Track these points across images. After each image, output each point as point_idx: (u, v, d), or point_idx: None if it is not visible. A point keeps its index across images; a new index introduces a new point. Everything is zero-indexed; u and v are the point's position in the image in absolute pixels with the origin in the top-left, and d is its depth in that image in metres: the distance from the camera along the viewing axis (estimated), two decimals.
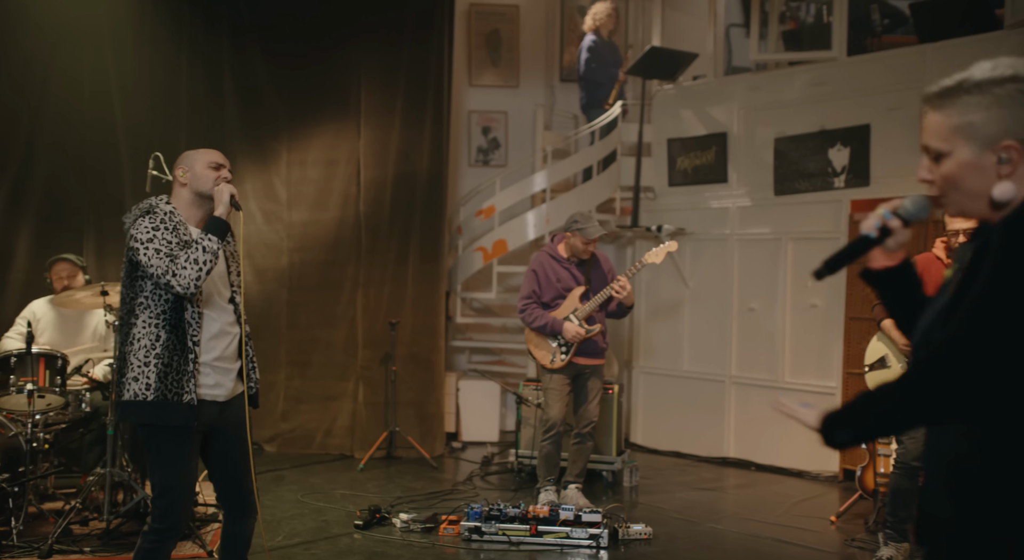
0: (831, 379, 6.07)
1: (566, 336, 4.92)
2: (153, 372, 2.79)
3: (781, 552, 4.47)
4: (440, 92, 6.75)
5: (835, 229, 6.09)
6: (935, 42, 5.80)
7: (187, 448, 2.86)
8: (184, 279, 2.76)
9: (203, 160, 2.98)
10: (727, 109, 6.72)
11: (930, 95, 1.59)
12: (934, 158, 1.58)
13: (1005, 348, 1.39)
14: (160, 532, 2.86)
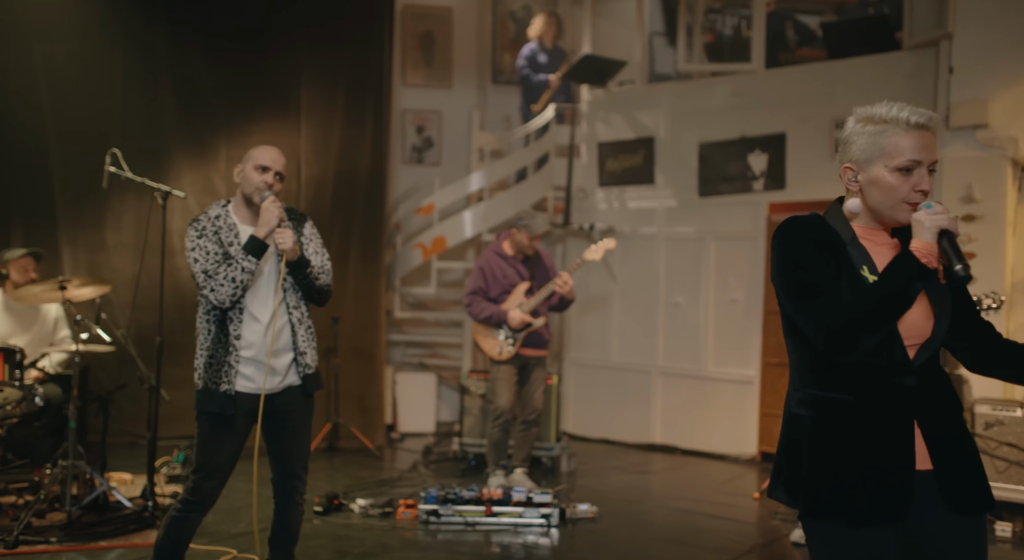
0: (750, 368, 6.55)
1: (512, 324, 5.19)
2: (202, 363, 3.02)
3: (713, 526, 4.88)
4: (380, 92, 6.92)
5: (754, 229, 6.58)
6: (843, 59, 6.34)
7: (224, 433, 3.04)
8: (221, 294, 2.93)
9: (254, 160, 3.08)
10: (654, 115, 7.13)
11: (929, 118, 1.90)
12: (930, 170, 1.92)
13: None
14: (188, 503, 3.07)
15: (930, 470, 1.92)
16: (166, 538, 3.08)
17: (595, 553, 4.32)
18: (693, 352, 6.84)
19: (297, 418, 3.18)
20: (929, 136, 1.90)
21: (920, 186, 1.89)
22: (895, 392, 1.91)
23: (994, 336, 2.07)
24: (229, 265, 2.94)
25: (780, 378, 6.44)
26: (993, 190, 5.56)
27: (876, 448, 1.89)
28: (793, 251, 1.94)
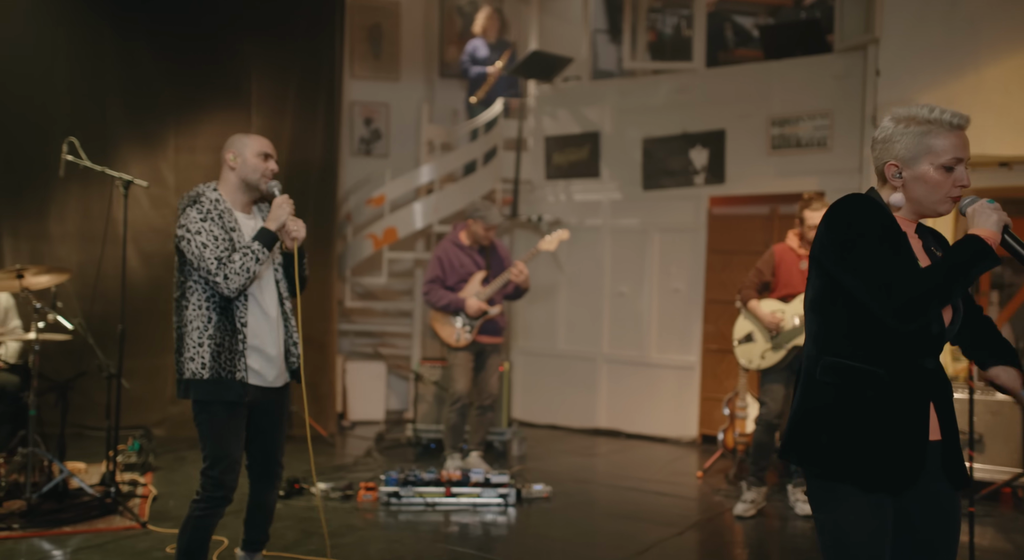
0: (692, 355, 6.85)
1: (469, 311, 5.36)
2: (207, 352, 2.96)
3: (660, 502, 5.14)
4: (332, 83, 6.98)
5: (695, 221, 6.87)
6: (778, 60, 6.67)
7: (237, 422, 3.03)
8: (234, 284, 2.92)
9: (253, 148, 3.08)
10: (600, 110, 7.36)
11: (965, 117, 2.06)
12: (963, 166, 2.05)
13: None
14: (212, 500, 3.03)
15: (939, 441, 2.06)
16: (194, 539, 3.04)
17: (552, 530, 4.53)
18: (637, 340, 7.11)
19: (282, 408, 3.24)
20: (965, 136, 2.06)
21: (961, 181, 2.03)
22: (918, 371, 2.05)
23: (983, 320, 2.26)
24: (243, 254, 2.93)
25: (720, 364, 6.75)
26: None
27: (897, 420, 2.01)
28: (863, 224, 2.03)
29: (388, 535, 4.34)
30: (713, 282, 6.77)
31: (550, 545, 4.27)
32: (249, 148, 3.09)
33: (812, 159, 6.40)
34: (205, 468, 3.04)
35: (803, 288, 4.74)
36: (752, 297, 4.93)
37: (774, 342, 4.84)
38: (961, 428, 2.57)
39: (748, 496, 4.78)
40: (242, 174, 3.10)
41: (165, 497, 4.80)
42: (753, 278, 4.98)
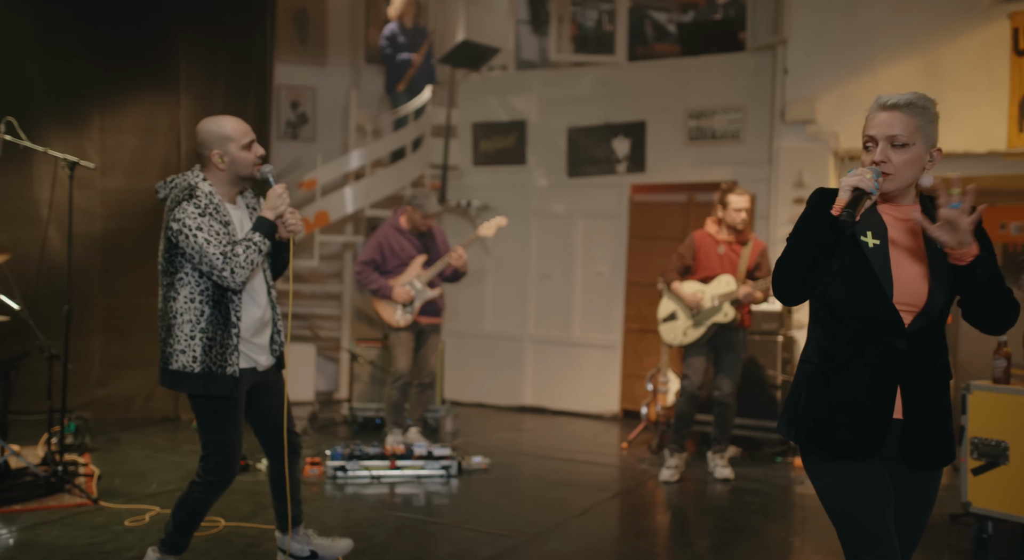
0: (614, 334, 7.23)
1: (397, 299, 5.56)
2: (199, 346, 2.96)
3: (591, 471, 5.48)
4: (263, 66, 7.01)
5: (618, 208, 7.24)
6: (696, 56, 7.09)
7: (232, 411, 3.07)
8: (239, 277, 2.93)
9: (236, 141, 3.04)
10: (526, 100, 7.64)
11: (899, 102, 2.10)
12: (899, 146, 2.09)
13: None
14: (213, 484, 3.10)
15: (899, 420, 2.14)
16: (192, 516, 3.13)
17: (493, 497, 4.80)
18: (562, 320, 7.44)
19: (281, 383, 3.30)
20: (887, 116, 2.09)
21: (874, 158, 2.10)
22: (886, 351, 2.12)
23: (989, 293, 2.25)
24: (246, 247, 2.94)
25: (640, 343, 7.16)
26: (819, 177, 6.46)
27: (861, 394, 2.13)
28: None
29: (340, 505, 4.53)
30: (634, 265, 7.16)
31: (494, 510, 4.54)
32: (233, 143, 3.04)
33: (726, 150, 6.84)
34: (207, 454, 3.09)
35: (720, 271, 5.18)
36: (675, 279, 5.30)
37: (695, 320, 5.22)
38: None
39: (671, 462, 5.18)
40: (234, 171, 3.08)
41: (109, 476, 4.84)
42: (675, 262, 5.34)
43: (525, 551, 3.83)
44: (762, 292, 5.12)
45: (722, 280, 5.17)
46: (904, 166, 2.10)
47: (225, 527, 4.00)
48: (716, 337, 5.19)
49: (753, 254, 5.23)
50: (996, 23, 6.02)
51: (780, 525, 4.47)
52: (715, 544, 4.08)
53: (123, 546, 3.71)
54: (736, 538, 4.15)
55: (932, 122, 2.13)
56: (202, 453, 3.11)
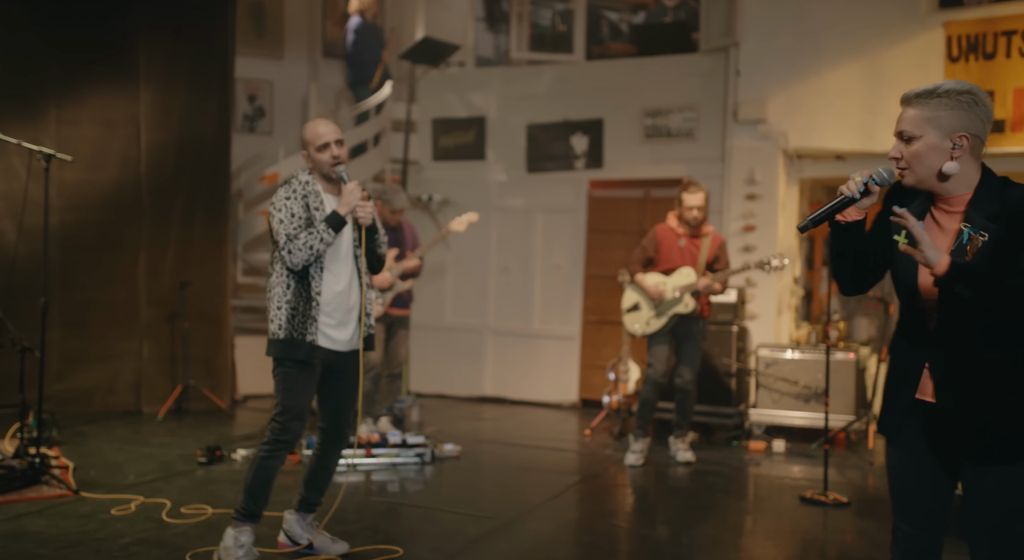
0: (573, 326, 7.45)
1: (379, 285, 5.67)
2: (284, 315, 3.25)
3: (560, 457, 5.68)
4: (224, 60, 7.00)
5: (576, 203, 7.46)
6: (651, 57, 7.34)
7: (306, 379, 3.30)
8: (296, 258, 3.18)
9: (314, 143, 3.30)
10: (485, 97, 7.79)
11: (910, 96, 2.11)
12: (906, 140, 2.11)
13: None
14: (278, 443, 3.31)
15: (931, 403, 2.14)
16: (257, 478, 3.32)
17: (469, 482, 4.96)
18: (521, 313, 7.63)
19: (353, 375, 3.45)
20: (905, 112, 2.12)
21: (891, 154, 2.16)
22: (918, 334, 2.18)
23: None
24: (310, 233, 3.19)
25: (598, 334, 7.39)
26: (769, 174, 6.78)
27: (897, 374, 2.22)
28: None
29: None
30: (592, 259, 7.39)
31: (472, 494, 4.70)
32: (312, 145, 3.31)
33: (681, 148, 7.12)
34: (275, 415, 3.31)
35: (681, 263, 5.42)
36: (638, 271, 5.52)
37: (657, 310, 5.45)
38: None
39: (636, 447, 5.41)
40: (318, 169, 3.35)
41: (84, 467, 4.84)
42: (639, 254, 5.57)
43: (509, 531, 4.00)
44: (720, 284, 5.38)
45: (683, 272, 5.41)
46: (914, 158, 2.09)
47: (213, 514, 4.06)
48: (678, 326, 5.43)
49: (712, 247, 5.48)
50: (932, 31, 6.41)
51: (736, 505, 4.74)
52: (682, 521, 4.31)
53: (115, 533, 3.75)
54: (699, 516, 4.40)
55: (951, 109, 2.07)
56: (272, 414, 3.33)
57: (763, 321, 6.69)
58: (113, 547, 3.58)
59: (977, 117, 2.08)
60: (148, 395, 6.71)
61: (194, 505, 4.17)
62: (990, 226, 2.05)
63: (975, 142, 2.09)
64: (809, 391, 6.09)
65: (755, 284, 6.67)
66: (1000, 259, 2.02)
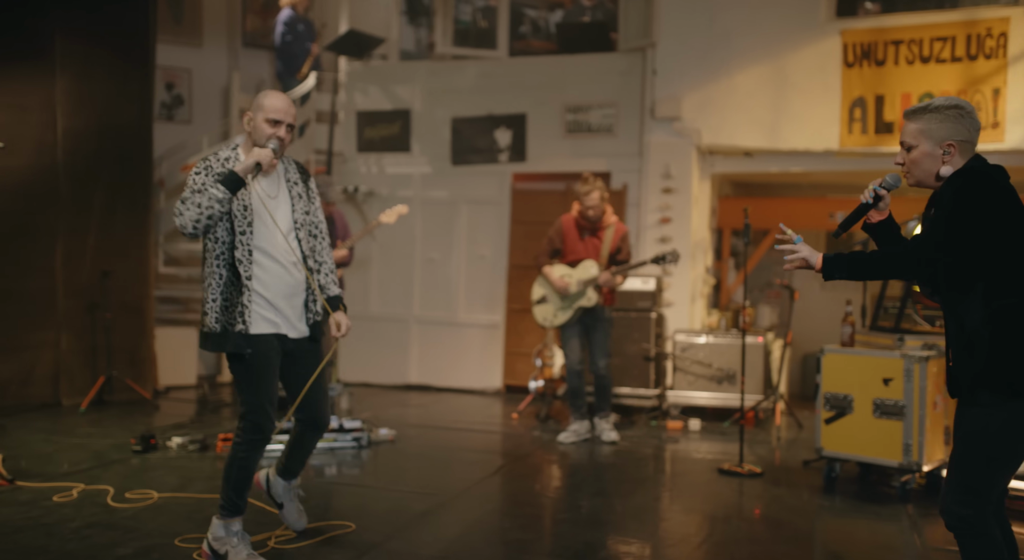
0: (497, 314, 7.67)
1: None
2: (218, 307, 3.12)
3: (490, 439, 5.90)
4: (146, 44, 6.91)
5: (500, 195, 7.68)
6: (572, 54, 7.62)
7: (257, 372, 3.15)
8: (185, 219, 3.00)
9: (265, 113, 3.15)
10: (410, 90, 7.92)
11: (909, 112, 2.52)
12: (907, 149, 2.51)
13: (963, 239, 2.37)
14: (251, 442, 3.19)
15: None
16: (240, 475, 3.21)
17: (407, 463, 5.12)
18: (446, 302, 7.80)
19: (314, 361, 3.37)
20: (907, 125, 2.51)
21: (895, 160, 2.58)
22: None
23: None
24: (199, 193, 3.01)
25: (522, 322, 7.63)
26: (683, 170, 7.17)
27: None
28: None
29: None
30: (516, 249, 7.62)
31: (413, 474, 4.86)
32: (262, 112, 3.16)
33: (601, 143, 7.43)
34: (244, 413, 3.20)
35: (585, 254, 5.67)
36: (546, 263, 5.74)
37: (563, 303, 5.68)
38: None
39: (572, 427, 5.70)
40: (253, 136, 3.20)
41: (13, 458, 4.75)
42: (546, 246, 5.80)
43: (454, 506, 4.20)
44: (621, 277, 5.62)
45: (585, 265, 5.64)
46: (913, 164, 2.52)
47: (160, 498, 4.10)
48: (584, 317, 5.68)
49: (615, 238, 5.70)
50: (830, 38, 6.91)
51: (662, 478, 5.06)
52: (614, 492, 4.59)
53: (62, 518, 3.76)
54: (629, 488, 4.70)
55: (940, 122, 2.46)
56: (240, 413, 3.23)
57: (678, 308, 7.07)
58: (64, 531, 3.60)
59: (964, 127, 2.47)
60: (67, 387, 6.57)
61: (138, 491, 4.19)
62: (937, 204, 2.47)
63: (963, 147, 2.47)
64: (722, 373, 6.49)
65: (671, 274, 7.04)
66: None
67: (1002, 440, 2.37)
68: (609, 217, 5.70)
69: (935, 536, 3.87)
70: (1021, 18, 6.50)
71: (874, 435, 4.61)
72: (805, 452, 5.47)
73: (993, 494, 2.40)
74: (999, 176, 2.44)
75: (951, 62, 6.74)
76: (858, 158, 6.96)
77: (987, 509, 2.38)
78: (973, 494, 2.38)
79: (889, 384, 4.56)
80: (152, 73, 7.00)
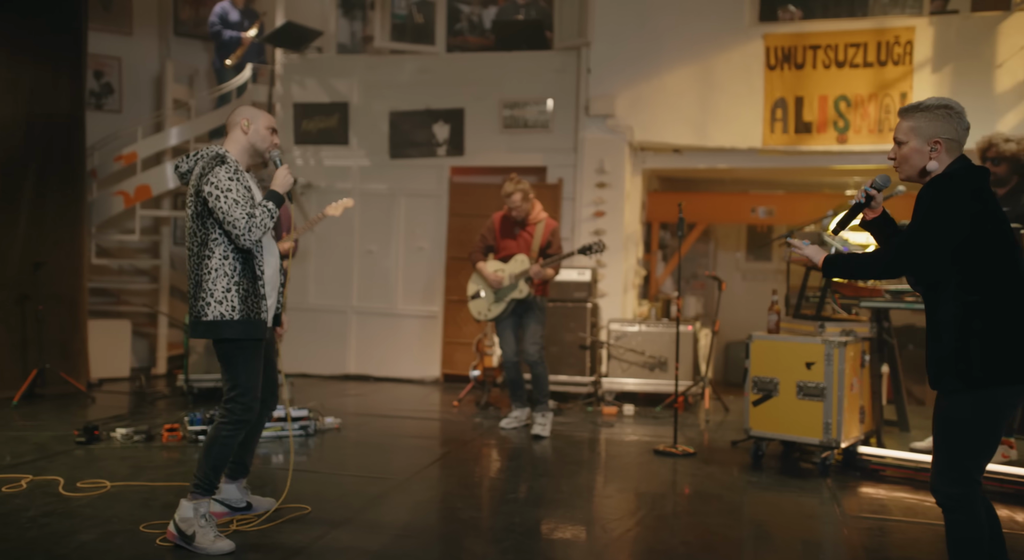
0: (435, 305, 7.82)
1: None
2: (236, 296, 3.32)
3: (434, 426, 6.05)
4: (78, 32, 6.80)
5: (438, 188, 7.82)
6: (509, 51, 7.81)
7: (259, 356, 3.42)
8: (255, 236, 3.29)
9: (264, 121, 3.47)
10: (348, 83, 7.98)
11: (903, 110, 2.71)
12: (898, 145, 2.70)
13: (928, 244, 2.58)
14: (239, 423, 3.39)
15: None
16: (221, 455, 3.38)
17: (354, 450, 5.23)
18: (384, 293, 7.91)
19: (272, 345, 3.70)
20: (900, 123, 2.71)
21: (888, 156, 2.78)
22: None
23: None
24: (263, 211, 3.31)
25: (460, 313, 7.79)
26: (616, 165, 7.44)
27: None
28: None
29: None
30: (454, 241, 7.78)
31: (363, 459, 4.99)
32: (261, 120, 3.47)
33: (537, 138, 7.64)
34: (236, 396, 3.38)
35: (517, 249, 5.85)
36: (480, 258, 5.91)
37: (496, 296, 5.86)
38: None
39: (514, 414, 5.90)
40: (252, 140, 3.45)
41: None
42: (479, 243, 5.97)
43: (407, 488, 4.35)
44: (552, 269, 5.82)
45: (517, 259, 5.82)
46: (903, 159, 2.71)
47: (113, 486, 4.13)
48: (518, 307, 5.85)
49: (545, 233, 5.87)
50: (754, 42, 7.27)
51: (602, 459, 5.31)
52: (558, 473, 4.80)
53: (16, 508, 3.76)
54: (572, 469, 4.93)
55: (929, 120, 2.65)
56: (229, 395, 3.39)
57: (612, 299, 7.35)
58: (20, 519, 3.61)
59: (951, 126, 2.65)
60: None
61: (90, 480, 4.21)
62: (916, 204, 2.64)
63: (950, 145, 2.64)
64: (654, 361, 6.79)
65: (605, 265, 7.31)
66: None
67: (973, 425, 2.56)
68: (539, 214, 5.86)
69: (852, 505, 4.22)
70: (926, 28, 6.98)
71: (797, 415, 4.95)
72: (733, 433, 5.80)
73: (977, 474, 2.59)
74: (974, 180, 2.60)
75: (864, 67, 7.19)
76: (779, 156, 7.36)
77: (974, 488, 2.59)
78: (958, 473, 2.58)
79: (811, 368, 4.90)
80: (84, 61, 6.90)
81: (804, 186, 9.11)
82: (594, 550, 3.52)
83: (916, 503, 4.26)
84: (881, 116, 7.13)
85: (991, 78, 6.87)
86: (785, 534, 3.84)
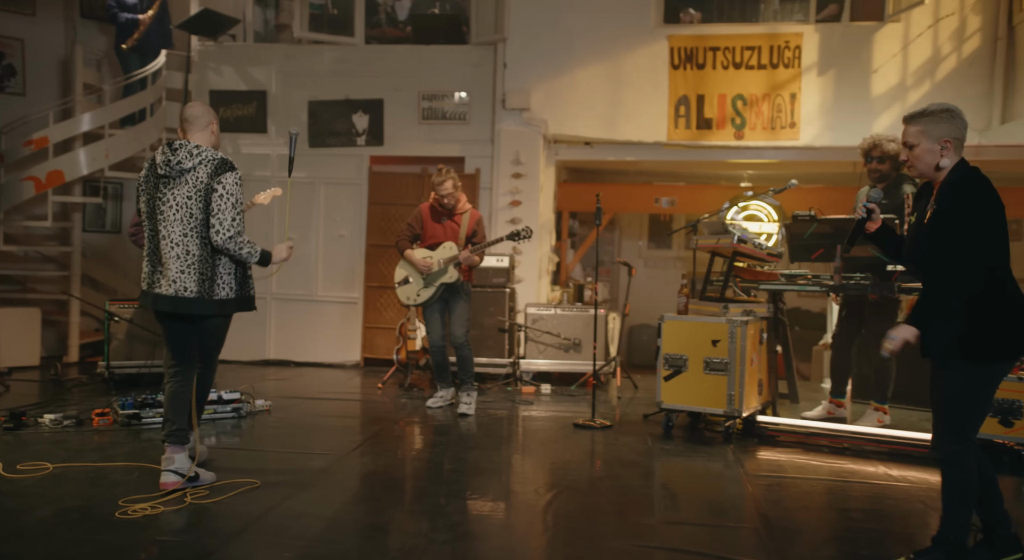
0: (355, 291, 7.99)
1: None
2: (234, 278, 3.96)
3: (364, 407, 6.25)
4: None
5: (358, 177, 7.98)
6: (427, 45, 8.03)
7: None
8: (229, 245, 3.83)
9: (216, 123, 4.08)
10: (266, 71, 8.02)
11: (908, 116, 3.03)
12: (909, 148, 3.01)
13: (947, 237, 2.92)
14: (207, 379, 4.14)
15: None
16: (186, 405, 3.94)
17: (291, 430, 5.39)
18: (304, 280, 8.02)
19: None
20: (908, 127, 3.03)
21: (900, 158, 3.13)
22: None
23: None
24: (252, 245, 3.93)
25: (379, 298, 8.00)
26: (532, 157, 7.78)
27: None
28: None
29: (148, 447, 4.83)
30: (374, 229, 7.96)
31: (300, 438, 5.16)
32: (215, 123, 4.08)
33: (455, 130, 7.89)
34: (214, 359, 4.19)
35: (444, 238, 6.14)
36: (407, 247, 6.14)
37: (426, 281, 6.11)
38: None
39: (439, 393, 6.17)
40: (215, 142, 4.06)
41: None
42: (406, 231, 6.20)
43: (349, 463, 4.57)
44: (479, 255, 6.11)
45: (446, 246, 6.10)
46: (915, 159, 3.04)
47: (55, 468, 4.19)
48: (446, 292, 6.13)
49: (471, 222, 6.16)
50: (659, 42, 7.74)
51: (526, 433, 5.66)
52: (488, 446, 5.11)
53: None
54: (499, 443, 5.25)
55: (936, 123, 2.98)
56: (210, 358, 4.15)
57: (527, 284, 7.69)
58: None
59: (955, 126, 2.99)
60: None
61: (29, 463, 4.25)
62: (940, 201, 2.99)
63: (956, 144, 2.98)
64: (568, 342, 7.18)
65: (521, 252, 7.65)
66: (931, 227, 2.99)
67: (970, 392, 2.95)
68: (464, 204, 6.13)
69: (752, 466, 4.70)
70: (813, 34, 7.61)
71: (704, 389, 5.42)
72: (644, 408, 6.25)
73: (973, 433, 2.98)
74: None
75: (758, 69, 7.76)
76: (683, 149, 7.86)
77: (970, 447, 2.98)
78: (956, 433, 2.96)
79: (717, 345, 5.37)
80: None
81: (703, 178, 9.71)
82: (534, 509, 3.85)
83: (806, 463, 4.77)
84: (773, 114, 7.73)
85: (868, 82, 7.55)
86: (697, 491, 4.27)
